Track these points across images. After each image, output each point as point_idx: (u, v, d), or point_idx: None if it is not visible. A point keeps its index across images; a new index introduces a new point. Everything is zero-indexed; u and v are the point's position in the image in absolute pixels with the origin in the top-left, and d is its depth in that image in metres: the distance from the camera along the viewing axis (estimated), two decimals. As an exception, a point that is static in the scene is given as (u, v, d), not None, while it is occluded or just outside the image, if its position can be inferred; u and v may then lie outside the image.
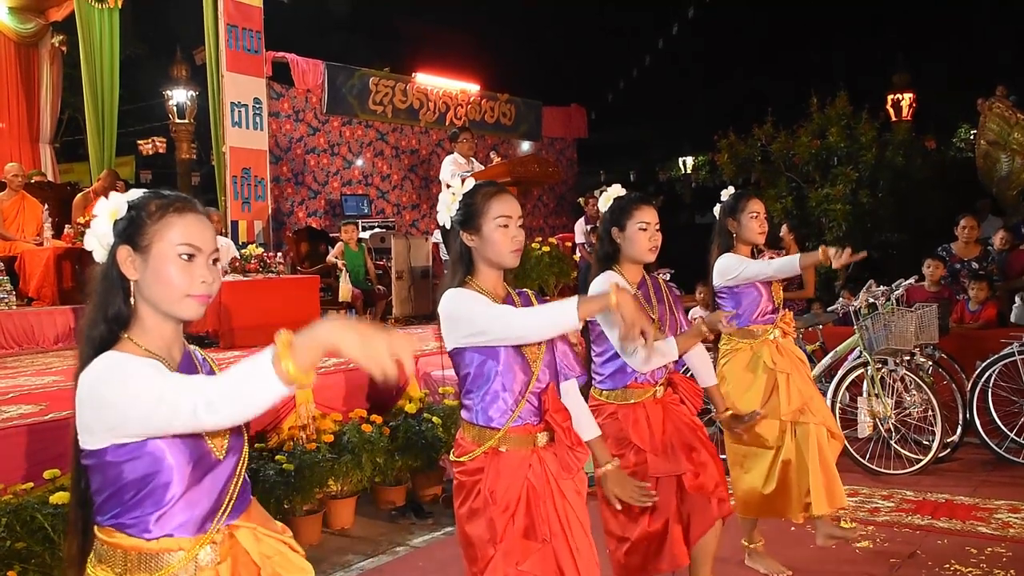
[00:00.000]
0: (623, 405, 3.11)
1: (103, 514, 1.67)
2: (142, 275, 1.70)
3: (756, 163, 12.58)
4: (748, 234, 3.96)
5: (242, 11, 9.63)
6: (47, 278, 7.87)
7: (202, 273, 1.71)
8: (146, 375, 1.56)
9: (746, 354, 4.00)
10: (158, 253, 1.69)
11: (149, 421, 1.53)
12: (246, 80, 9.79)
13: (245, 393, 1.47)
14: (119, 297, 1.71)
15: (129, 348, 1.69)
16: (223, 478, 1.74)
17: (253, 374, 1.46)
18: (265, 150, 10.17)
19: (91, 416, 1.59)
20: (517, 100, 14.92)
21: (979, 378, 6.11)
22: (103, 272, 1.73)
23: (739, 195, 4.02)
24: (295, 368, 1.42)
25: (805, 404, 3.90)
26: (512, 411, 2.40)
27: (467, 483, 2.42)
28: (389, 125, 13.06)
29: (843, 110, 11.86)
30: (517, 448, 2.41)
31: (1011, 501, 5.11)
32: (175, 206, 1.72)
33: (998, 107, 11.57)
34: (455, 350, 2.42)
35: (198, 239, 1.72)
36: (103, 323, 1.70)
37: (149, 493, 1.63)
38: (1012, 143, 11.35)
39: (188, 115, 14.14)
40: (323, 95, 12.06)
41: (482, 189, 2.45)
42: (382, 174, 12.98)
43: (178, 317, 1.73)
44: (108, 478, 1.63)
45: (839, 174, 11.39)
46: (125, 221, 1.71)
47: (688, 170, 22.20)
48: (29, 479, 3.76)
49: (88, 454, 1.63)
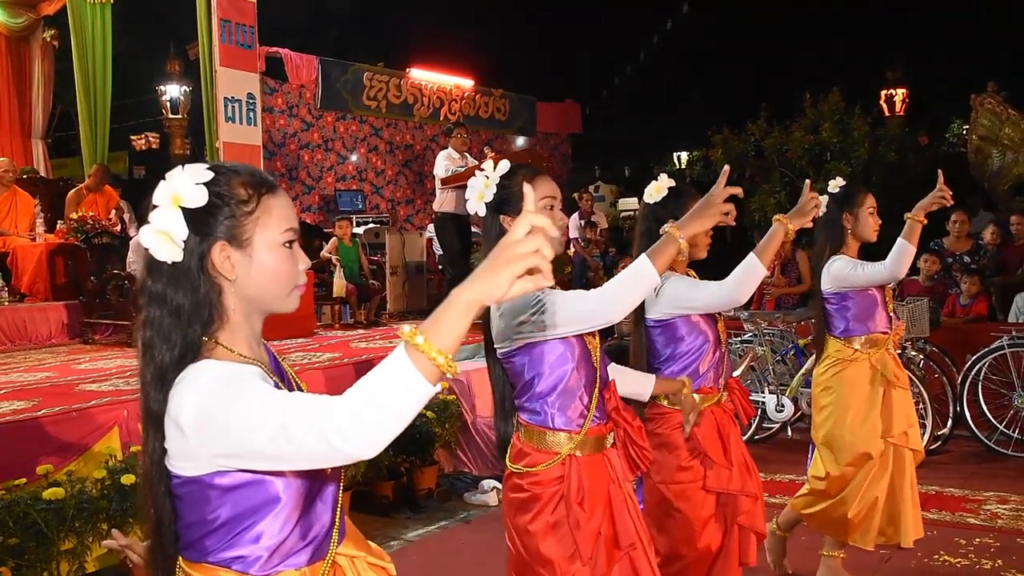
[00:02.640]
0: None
1: (203, 551, 1.43)
2: (243, 273, 1.44)
3: (750, 158, 12.60)
4: (865, 231, 3.65)
5: (235, 6, 9.59)
6: (40, 274, 7.86)
7: (303, 258, 1.50)
8: (269, 395, 1.32)
9: (865, 365, 3.64)
10: (263, 246, 1.44)
11: (263, 455, 1.30)
12: (240, 75, 9.75)
13: (386, 406, 1.22)
14: (211, 299, 1.43)
15: (225, 356, 1.43)
16: (331, 498, 1.54)
17: (390, 381, 1.22)
18: (259, 145, 10.14)
19: (197, 443, 1.33)
20: (511, 95, 14.92)
21: (969, 371, 6.15)
22: (180, 272, 1.42)
23: (855, 187, 3.71)
24: (441, 354, 1.19)
25: (911, 427, 3.66)
26: (588, 411, 2.25)
27: (543, 495, 2.21)
28: (383, 120, 13.06)
29: (836, 105, 11.88)
30: (592, 452, 2.26)
31: (999, 492, 5.16)
32: (266, 185, 1.47)
33: (990, 103, 11.61)
34: (517, 350, 2.25)
35: (295, 220, 1.50)
36: (194, 330, 1.42)
37: (260, 523, 1.41)
38: (1003, 138, 11.39)
39: (182, 110, 14.10)
40: (317, 90, 12.06)
41: (521, 170, 2.29)
42: (376, 169, 12.99)
43: (283, 311, 1.51)
44: (211, 508, 1.40)
45: (832, 169, 11.40)
46: (211, 211, 1.42)
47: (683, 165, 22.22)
48: (22, 475, 3.77)
49: (186, 481, 1.39)
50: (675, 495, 2.79)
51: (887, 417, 3.60)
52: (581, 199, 11.56)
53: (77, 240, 7.88)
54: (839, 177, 3.81)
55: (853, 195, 3.67)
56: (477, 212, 2.33)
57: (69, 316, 7.71)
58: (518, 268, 1.17)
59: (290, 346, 6.51)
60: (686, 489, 2.80)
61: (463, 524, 5.02)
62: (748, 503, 2.83)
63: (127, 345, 7.18)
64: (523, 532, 2.22)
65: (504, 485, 2.34)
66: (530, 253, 1.16)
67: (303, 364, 5.55)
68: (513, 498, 2.27)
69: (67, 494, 3.76)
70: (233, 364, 1.41)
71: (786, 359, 6.78)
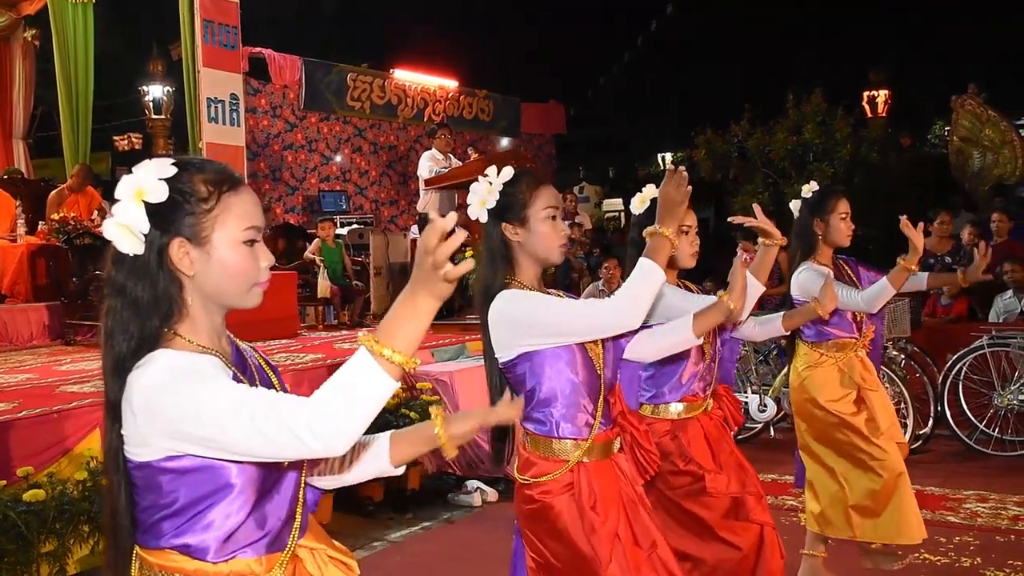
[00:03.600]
0: (677, 421, 2.86)
1: (158, 536, 1.45)
2: (201, 269, 1.46)
3: (733, 159, 12.65)
4: (836, 237, 3.63)
5: (218, 6, 9.56)
6: (21, 275, 7.81)
7: (264, 255, 1.51)
8: (227, 385, 1.36)
9: (833, 369, 3.68)
10: (221, 243, 1.45)
11: (233, 445, 1.33)
12: (223, 76, 9.71)
13: (352, 402, 1.28)
14: (170, 293, 1.45)
15: (182, 346, 1.46)
16: (290, 490, 1.55)
17: (354, 379, 1.28)
18: (242, 146, 10.10)
19: (147, 427, 1.37)
20: (495, 96, 14.92)
21: (950, 371, 6.20)
22: (141, 265, 1.44)
23: (827, 192, 3.69)
24: (398, 353, 1.27)
25: (892, 424, 3.69)
26: (594, 417, 2.24)
27: (555, 504, 2.20)
28: (367, 121, 13.04)
29: (819, 106, 11.95)
30: (600, 458, 2.25)
31: (979, 491, 5.20)
32: (228, 183, 1.47)
33: (970, 104, 11.72)
34: (518, 359, 2.22)
35: (258, 218, 1.50)
36: (153, 322, 1.44)
37: (214, 508, 1.43)
38: (983, 139, 11.49)
39: (165, 111, 14.00)
40: (300, 91, 12.02)
41: (525, 177, 2.29)
42: (360, 170, 12.96)
43: (243, 307, 1.53)
44: (165, 492, 1.42)
45: (815, 170, 11.46)
46: (171, 207, 1.43)
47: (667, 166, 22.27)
48: (2, 477, 3.74)
49: (139, 466, 1.43)
50: (680, 497, 2.81)
51: (871, 418, 3.62)
52: (565, 200, 11.56)
53: (59, 241, 7.83)
54: (813, 182, 3.80)
55: (825, 201, 3.65)
56: (479, 218, 2.32)
57: (50, 317, 7.66)
58: (442, 272, 1.29)
59: (273, 347, 6.49)
60: (689, 491, 2.81)
61: (446, 525, 5.02)
62: (753, 501, 2.85)
63: (109, 346, 7.14)
64: (544, 539, 2.22)
65: (516, 497, 2.32)
66: (445, 255, 1.29)
67: (286, 365, 5.54)
68: (527, 509, 2.26)
69: (48, 496, 3.74)
70: (190, 354, 1.43)
71: (769, 359, 6.81)
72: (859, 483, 3.63)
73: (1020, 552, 4.26)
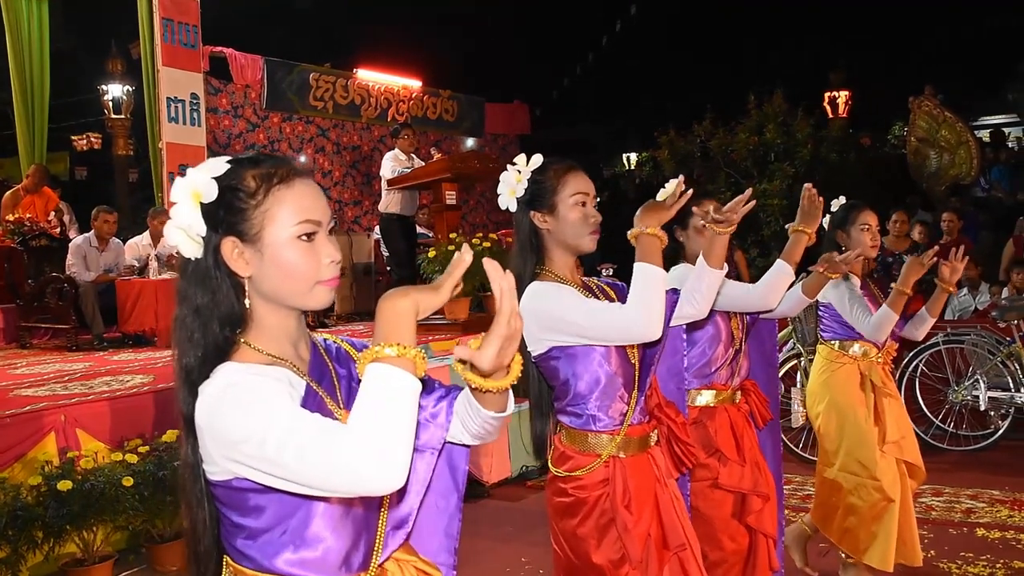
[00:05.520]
0: (705, 408, 2.88)
1: (238, 557, 1.41)
2: (258, 269, 1.38)
3: (696, 159, 12.74)
4: (858, 247, 3.63)
5: (178, 5, 9.47)
6: (-25, 277, 7.68)
7: (328, 251, 1.40)
8: (280, 408, 1.26)
9: (854, 369, 3.75)
10: (274, 240, 1.37)
11: (289, 476, 1.24)
12: (183, 75, 9.62)
13: (390, 412, 1.19)
14: (230, 297, 1.39)
15: (249, 356, 1.39)
16: (361, 517, 1.46)
17: (376, 395, 1.20)
18: (203, 146, 10.01)
19: (212, 446, 1.31)
20: (460, 96, 14.89)
21: (907, 367, 6.30)
22: (201, 269, 1.39)
23: (851, 206, 3.76)
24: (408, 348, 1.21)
25: (904, 438, 3.72)
26: (629, 409, 2.20)
27: (589, 499, 2.16)
28: (330, 121, 12.95)
29: (779, 107, 12.07)
30: (636, 451, 2.21)
31: (934, 485, 5.30)
32: (279, 175, 1.40)
33: (927, 105, 11.92)
34: (550, 351, 2.18)
35: (316, 211, 1.41)
36: (215, 330, 1.38)
37: (289, 529, 1.37)
38: (940, 140, 11.69)
39: (124, 110, 13.82)
40: (262, 90, 11.91)
41: (553, 165, 2.25)
42: (323, 170, 12.88)
43: (308, 308, 1.44)
44: (239, 515, 1.37)
45: (776, 170, 11.58)
46: (221, 206, 1.37)
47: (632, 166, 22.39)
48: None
49: (214, 485, 1.37)
50: (692, 493, 2.78)
51: (880, 425, 3.66)
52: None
53: (13, 243, 7.71)
54: (842, 196, 3.87)
55: (847, 213, 3.75)
56: (508, 207, 2.28)
57: (5, 320, 7.55)
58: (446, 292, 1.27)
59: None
60: (702, 487, 2.81)
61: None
62: (758, 503, 2.86)
63: (66, 349, 7.05)
64: (571, 536, 2.18)
65: (548, 488, 2.29)
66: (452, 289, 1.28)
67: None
68: (558, 502, 2.22)
69: (1, 501, 3.69)
70: (255, 366, 1.36)
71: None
72: (849, 499, 3.67)
73: (972, 544, 4.35)
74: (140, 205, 12.58)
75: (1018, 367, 6.17)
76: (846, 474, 3.68)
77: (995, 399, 6.20)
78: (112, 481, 3.93)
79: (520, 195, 2.25)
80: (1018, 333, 6.22)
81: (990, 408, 6.22)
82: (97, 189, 15.11)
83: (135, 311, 7.05)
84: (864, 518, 3.63)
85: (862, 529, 3.64)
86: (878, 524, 3.61)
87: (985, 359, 6.31)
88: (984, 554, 4.23)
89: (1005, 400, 6.18)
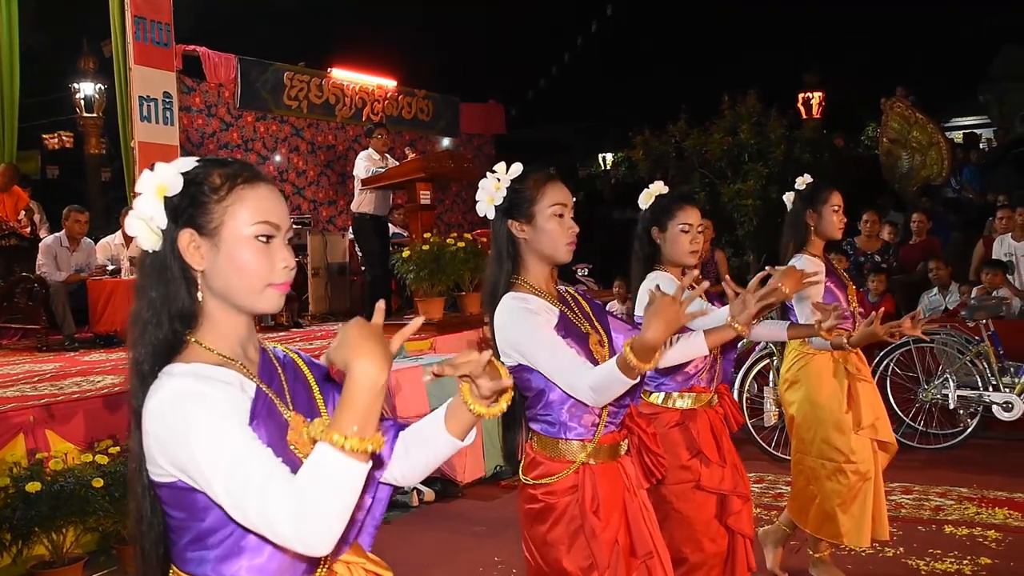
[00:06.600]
0: (687, 411, 2.92)
1: (183, 560, 1.40)
2: (211, 264, 1.40)
3: (671, 159, 12.80)
4: (828, 229, 3.64)
5: (150, 3, 9.38)
6: (-57, 277, 7.58)
7: (283, 256, 1.43)
8: (226, 429, 1.28)
9: (827, 358, 3.71)
10: (230, 236, 1.40)
11: (222, 502, 1.27)
12: (155, 74, 9.53)
13: (332, 497, 1.19)
14: (182, 291, 1.40)
15: (198, 355, 1.40)
16: None
17: (329, 472, 1.19)
18: (176, 145, 9.92)
19: (158, 454, 1.33)
20: (435, 96, 14.88)
21: (878, 367, 6.36)
22: (158, 262, 1.41)
23: (821, 185, 3.69)
24: (366, 440, 1.19)
25: (878, 419, 3.74)
26: (600, 419, 2.20)
27: (558, 504, 2.17)
28: (305, 120, 12.90)
29: (753, 108, 12.15)
30: (606, 459, 2.22)
31: (904, 483, 5.36)
32: (243, 176, 1.42)
33: (899, 106, 12.04)
34: (521, 365, 2.17)
35: (275, 215, 1.43)
36: (165, 324, 1.40)
37: (235, 532, 1.36)
38: (912, 141, 11.82)
39: (97, 109, 13.69)
40: (236, 90, 11.84)
41: (533, 175, 2.24)
42: (298, 170, 12.82)
43: (257, 311, 1.45)
44: (182, 516, 1.38)
45: (750, 170, 11.66)
46: (184, 199, 1.39)
47: (608, 166, 22.46)
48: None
49: (157, 485, 1.38)
50: (674, 495, 2.82)
51: (855, 410, 3.68)
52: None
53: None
54: (806, 175, 3.80)
55: (818, 193, 3.67)
56: (486, 215, 2.27)
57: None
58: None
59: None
60: (685, 489, 2.84)
61: (384, 525, 4.97)
62: (738, 504, 2.90)
63: (36, 350, 6.98)
64: (540, 543, 2.19)
65: (519, 495, 2.30)
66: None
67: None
68: (528, 509, 2.23)
69: (-33, 504, 3.65)
70: (205, 367, 1.37)
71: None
72: (827, 485, 3.69)
73: (940, 541, 4.41)
74: (113, 204, 12.46)
75: (987, 366, 6.25)
76: (823, 461, 3.71)
77: (964, 398, 6.28)
78: (82, 482, 3.90)
79: (499, 203, 2.24)
80: (987, 332, 6.30)
81: (959, 407, 6.30)
82: (69, 188, 14.94)
83: (107, 311, 7.00)
84: (844, 501, 3.66)
85: (841, 513, 3.67)
86: (855, 504, 3.65)
87: (955, 358, 6.39)
88: (952, 551, 4.28)
89: (974, 399, 6.26)
